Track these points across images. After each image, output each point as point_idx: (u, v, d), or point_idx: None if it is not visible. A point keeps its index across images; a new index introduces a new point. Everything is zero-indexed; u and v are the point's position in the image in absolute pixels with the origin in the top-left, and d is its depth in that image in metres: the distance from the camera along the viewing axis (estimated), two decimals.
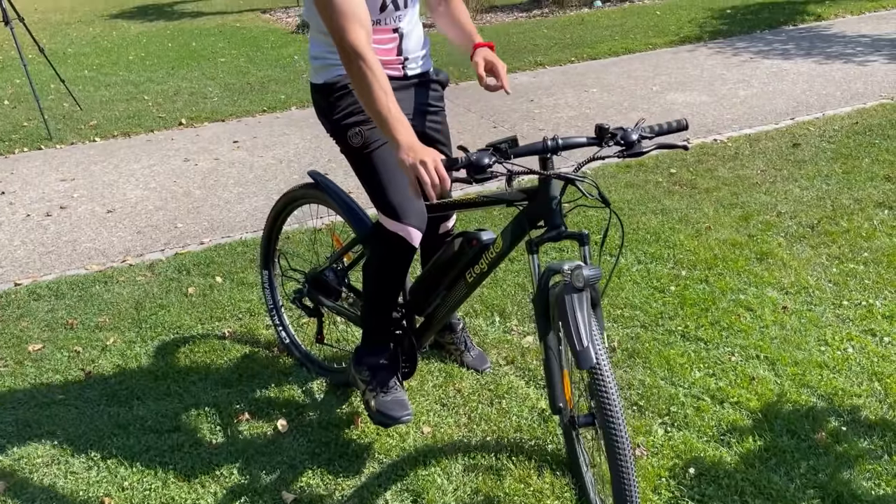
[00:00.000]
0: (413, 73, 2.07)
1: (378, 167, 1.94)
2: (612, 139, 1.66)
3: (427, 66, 2.14)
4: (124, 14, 12.20)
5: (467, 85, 6.17)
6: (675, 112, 4.99)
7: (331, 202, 2.29)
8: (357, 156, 1.97)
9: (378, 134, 1.93)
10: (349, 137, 1.96)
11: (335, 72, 1.98)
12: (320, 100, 2.02)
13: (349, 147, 1.98)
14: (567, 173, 1.68)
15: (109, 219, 3.95)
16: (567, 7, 9.21)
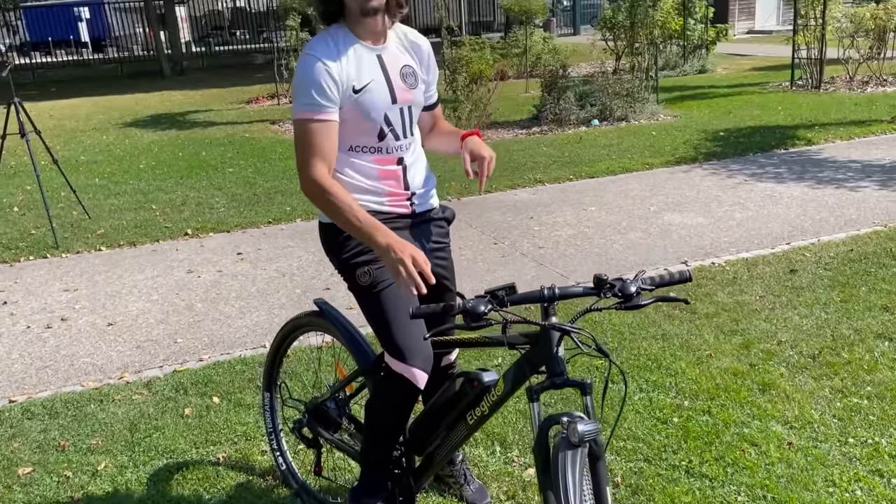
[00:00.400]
0: (421, 210, 2.12)
1: (385, 307, 1.96)
2: (611, 290, 1.68)
3: (434, 202, 2.20)
4: (138, 122, 12.63)
5: (469, 200, 6.31)
6: (672, 233, 5.08)
7: (335, 332, 2.30)
8: (365, 295, 2.00)
9: (386, 274, 1.97)
10: (357, 276, 1.99)
11: None
12: (329, 238, 2.06)
13: (357, 286, 2.01)
14: (564, 325, 1.69)
15: (109, 332, 3.95)
16: (565, 125, 9.54)
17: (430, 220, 2.17)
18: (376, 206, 2.04)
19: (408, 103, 2.02)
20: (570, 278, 4.36)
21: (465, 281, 4.39)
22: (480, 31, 27.56)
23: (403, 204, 2.08)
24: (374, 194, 2.04)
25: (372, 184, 2.03)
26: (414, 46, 2.08)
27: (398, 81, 1.98)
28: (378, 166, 2.02)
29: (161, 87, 18.80)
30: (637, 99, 9.83)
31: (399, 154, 2.04)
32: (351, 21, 1.95)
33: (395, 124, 1.99)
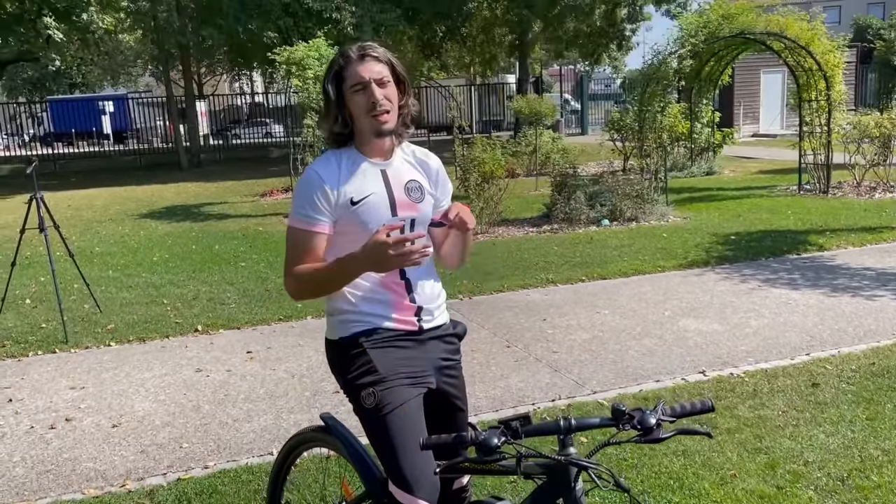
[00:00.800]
0: (429, 326, 2.08)
1: (391, 432, 1.90)
2: (629, 422, 1.61)
3: (443, 318, 2.16)
4: (154, 214, 12.84)
5: (480, 299, 6.28)
6: (688, 340, 5.01)
7: (342, 449, 2.22)
8: (369, 418, 1.94)
9: (393, 396, 1.92)
10: (362, 398, 1.95)
11: (353, 328, 2.01)
12: (335, 356, 2.04)
13: (361, 408, 1.96)
14: (581, 460, 1.63)
15: (114, 434, 3.85)
16: (576, 224, 9.63)
17: (439, 337, 2.12)
18: (381, 321, 2.01)
19: (411, 217, 2.03)
20: (585, 386, 4.27)
21: (477, 386, 4.30)
22: (490, 130, 28.33)
23: (410, 320, 2.04)
24: (378, 303, 2.01)
25: (376, 293, 2.01)
26: (422, 163, 2.13)
27: (401, 195, 2.02)
28: (381, 277, 2.01)
29: (178, 178, 19.24)
30: (647, 200, 9.95)
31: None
32: (359, 141, 2.04)
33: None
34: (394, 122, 2.00)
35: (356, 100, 1.99)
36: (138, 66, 39.77)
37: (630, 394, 4.11)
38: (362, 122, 2.00)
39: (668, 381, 4.30)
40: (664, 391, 4.11)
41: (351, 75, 1.98)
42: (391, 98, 1.99)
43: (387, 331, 2.01)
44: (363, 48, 2.00)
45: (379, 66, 1.98)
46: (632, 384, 4.27)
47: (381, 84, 1.97)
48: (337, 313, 2.04)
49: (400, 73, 2.03)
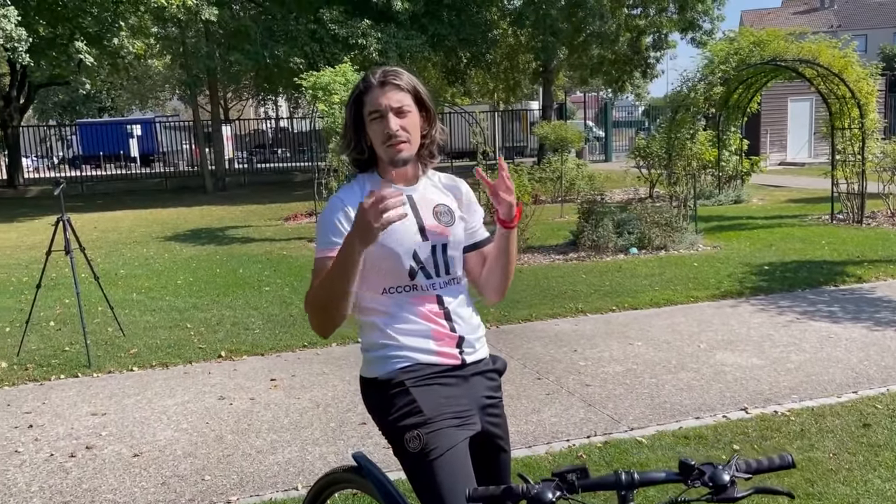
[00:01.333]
0: (472, 360, 1.96)
1: (439, 478, 1.77)
2: (699, 478, 1.46)
3: (484, 351, 2.04)
4: (178, 236, 12.87)
5: (508, 329, 6.13)
6: (726, 374, 4.82)
7: (375, 493, 2.09)
8: (414, 462, 1.81)
9: (439, 439, 1.79)
10: (406, 441, 1.82)
11: (393, 364, 1.89)
12: (373, 395, 1.92)
13: (404, 452, 1.83)
14: None
15: (135, 464, 3.74)
16: (603, 252, 9.46)
17: (481, 373, 1.99)
18: (423, 355, 1.90)
19: (442, 241, 1.94)
20: (621, 422, 4.10)
21: (508, 421, 4.13)
22: (513, 156, 28.31)
23: (452, 353, 1.93)
24: (420, 336, 1.90)
25: (415, 323, 1.91)
26: (451, 188, 2.06)
27: (430, 219, 1.95)
28: (417, 305, 1.92)
29: (203, 201, 19.36)
30: (676, 228, 9.77)
31: (436, 292, 1.93)
32: (382, 168, 1.98)
33: (425, 262, 1.92)
34: (412, 151, 1.93)
35: (373, 127, 1.91)
36: (166, 90, 40.40)
37: (669, 431, 3.93)
38: (379, 150, 1.93)
39: (708, 418, 4.12)
40: (705, 429, 3.92)
41: (370, 102, 1.91)
42: (410, 128, 1.91)
43: (429, 366, 1.89)
44: (385, 74, 1.92)
45: (399, 94, 1.90)
46: (670, 421, 4.09)
47: (399, 113, 1.89)
48: (373, 348, 1.93)
49: (425, 100, 1.95)
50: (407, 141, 1.90)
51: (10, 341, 6.02)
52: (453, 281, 1.98)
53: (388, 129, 1.87)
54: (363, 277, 1.88)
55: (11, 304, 7.62)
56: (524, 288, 7.56)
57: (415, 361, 1.88)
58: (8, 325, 6.68)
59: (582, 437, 3.91)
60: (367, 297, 1.93)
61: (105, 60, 15.88)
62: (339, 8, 18.93)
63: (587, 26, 21.45)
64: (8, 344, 5.99)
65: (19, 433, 4.19)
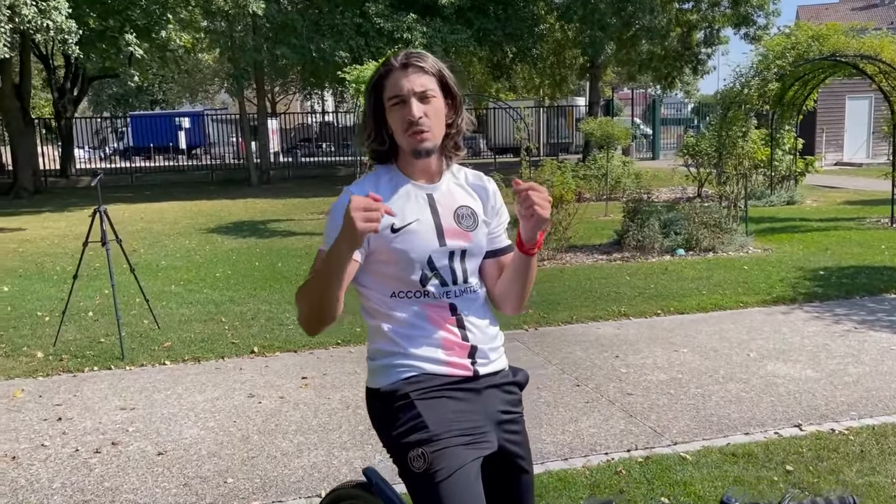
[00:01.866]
0: (486, 372, 1.80)
1: (444, 502, 1.60)
2: None
3: (501, 363, 1.87)
4: (221, 229, 12.95)
5: (547, 331, 5.93)
6: (778, 387, 4.54)
7: None
8: (417, 483, 1.65)
9: (446, 459, 1.63)
10: (410, 460, 1.66)
11: (398, 374, 1.74)
12: (376, 408, 1.77)
13: (409, 471, 1.67)
14: None
15: (158, 463, 3.66)
16: (649, 253, 9.16)
17: (497, 385, 1.82)
18: (431, 364, 1.74)
19: (461, 247, 1.78)
20: (664, 435, 3.87)
21: (543, 430, 3.96)
22: (558, 152, 27.93)
23: (463, 363, 1.77)
24: (428, 344, 1.74)
25: (424, 329, 1.75)
26: (477, 188, 1.88)
27: (450, 222, 1.78)
28: (427, 311, 1.76)
29: (247, 194, 19.52)
30: (725, 229, 9.41)
31: (449, 300, 1.77)
32: (402, 160, 1.81)
33: (440, 269, 1.76)
34: (435, 141, 1.75)
35: (394, 114, 1.74)
36: (215, 83, 40.99)
37: (716, 447, 3.69)
38: (400, 139, 1.75)
39: (758, 434, 3.86)
40: (755, 446, 3.67)
41: (390, 86, 1.74)
42: (434, 115, 1.73)
43: (437, 377, 1.74)
44: (409, 56, 1.75)
45: (423, 77, 1.73)
46: (717, 436, 3.85)
47: (423, 98, 1.72)
48: (378, 356, 1.78)
49: (451, 86, 1.77)
50: (429, 130, 1.73)
51: (49, 331, 6.05)
52: (470, 290, 1.81)
53: (410, 116, 1.70)
54: (372, 277, 1.74)
55: (54, 292, 7.69)
56: (565, 289, 7.33)
57: (421, 371, 1.73)
58: (48, 314, 6.73)
59: (622, 451, 3.70)
60: (375, 298, 1.78)
61: (154, 53, 16.08)
62: (384, 2, 18.87)
63: (637, 21, 20.97)
64: (46, 333, 6.02)
65: (48, 426, 4.15)
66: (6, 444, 3.92)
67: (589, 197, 15.06)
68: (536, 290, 7.20)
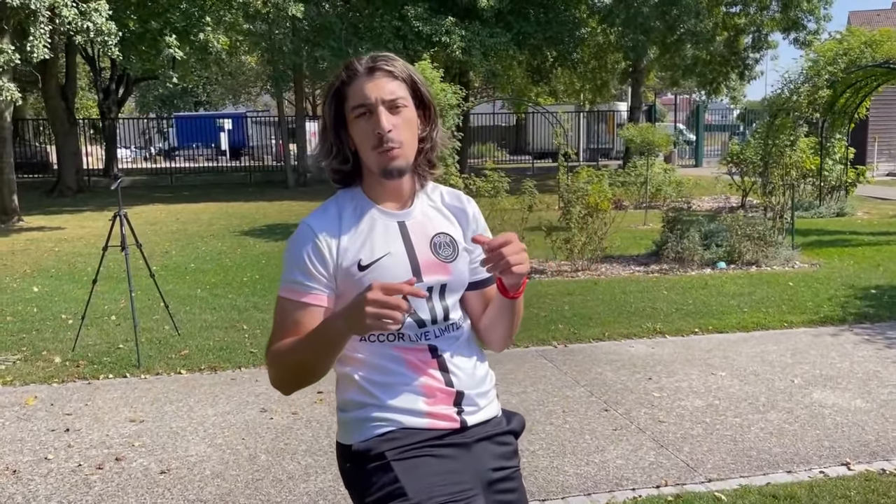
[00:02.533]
0: (475, 422, 1.56)
1: None
2: None
3: (493, 409, 1.62)
4: (254, 231, 12.92)
5: (577, 349, 5.66)
6: (824, 418, 4.21)
7: None
8: None
9: None
10: None
11: (373, 430, 1.51)
12: (350, 470, 1.53)
13: None
14: None
15: (160, 483, 3.51)
16: (688, 265, 8.80)
17: (489, 437, 1.58)
18: (411, 417, 1.50)
19: (440, 281, 1.55)
20: (697, 471, 3.58)
21: (567, 459, 3.70)
22: (597, 158, 27.46)
23: (448, 413, 1.53)
24: (406, 393, 1.51)
25: (401, 376, 1.51)
26: (455, 210, 1.63)
27: (427, 253, 1.54)
28: (403, 355, 1.52)
29: (283, 196, 19.55)
30: (769, 242, 9.00)
31: (428, 342, 1.54)
32: (367, 182, 1.57)
33: (417, 308, 1.52)
34: (408, 159, 1.51)
35: (358, 127, 1.50)
36: (258, 85, 41.42)
37: (755, 487, 3.39)
38: (367, 157, 1.51)
39: (802, 472, 3.55)
40: (798, 487, 3.37)
41: (354, 93, 1.50)
42: (406, 127, 1.49)
43: (418, 432, 1.50)
44: (375, 59, 1.51)
45: (393, 83, 1.49)
46: (756, 473, 3.55)
47: (392, 108, 1.48)
48: (349, 407, 1.54)
49: (424, 93, 1.53)
50: (401, 146, 1.49)
51: (70, 335, 5.98)
52: (452, 327, 1.57)
53: (379, 129, 1.47)
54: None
55: (81, 294, 7.65)
56: (598, 302, 7.04)
57: (399, 426, 1.50)
58: (72, 317, 6.68)
59: (650, 487, 3.42)
60: None
61: (193, 56, 16.19)
62: (423, 5, 18.72)
63: (681, 24, 20.46)
64: (67, 337, 5.96)
65: (54, 437, 4.04)
66: (10, 456, 3.81)
67: (628, 205, 14.68)
68: (568, 303, 6.92)
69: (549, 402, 4.49)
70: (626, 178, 15.04)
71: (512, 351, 5.52)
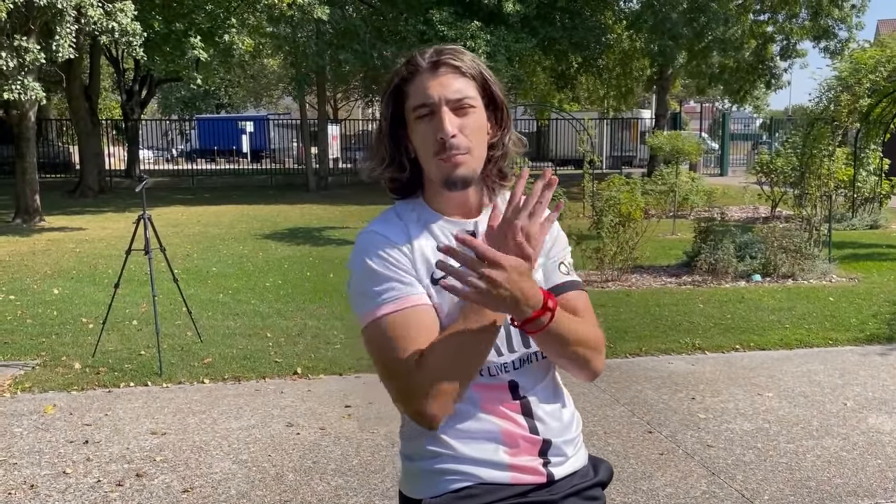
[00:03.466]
0: (562, 474, 1.36)
1: None
2: None
3: (581, 458, 1.42)
4: (275, 235, 12.79)
5: (615, 364, 5.42)
6: (884, 446, 3.95)
7: None
8: None
9: None
10: None
11: (447, 485, 1.30)
12: None
13: None
14: None
15: (183, 502, 3.32)
16: (721, 277, 8.53)
17: (577, 492, 1.38)
18: (491, 470, 1.30)
19: None
20: (754, 502, 3.34)
21: (613, 487, 3.46)
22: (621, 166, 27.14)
23: (533, 465, 1.33)
24: (483, 440, 1.30)
25: (478, 420, 1.30)
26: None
27: None
28: (481, 394, 1.31)
29: (305, 199, 19.44)
30: (806, 255, 8.71)
31: (508, 376, 1.33)
32: (430, 192, 1.36)
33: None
34: (475, 166, 1.30)
35: (419, 130, 1.29)
36: (279, 88, 41.51)
37: None
38: (428, 164, 1.30)
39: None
40: None
41: (415, 92, 1.30)
42: (474, 132, 1.29)
43: (500, 488, 1.30)
44: (440, 52, 1.30)
45: (460, 81, 1.29)
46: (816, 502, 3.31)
47: (458, 109, 1.28)
48: (418, 456, 1.34)
49: (496, 92, 1.32)
50: (468, 152, 1.29)
51: (91, 339, 5.84)
52: (533, 357, 1.36)
53: (442, 133, 1.27)
54: None
55: (102, 297, 7.53)
56: (633, 315, 6.80)
57: (478, 480, 1.29)
58: (92, 321, 6.55)
59: None
60: None
61: (216, 58, 16.13)
62: (448, 9, 18.56)
63: (709, 32, 20.15)
64: (87, 342, 5.82)
65: (73, 450, 3.88)
66: (27, 469, 3.65)
67: (654, 214, 14.40)
68: (601, 315, 6.65)
69: (589, 423, 4.26)
70: (654, 186, 14.78)
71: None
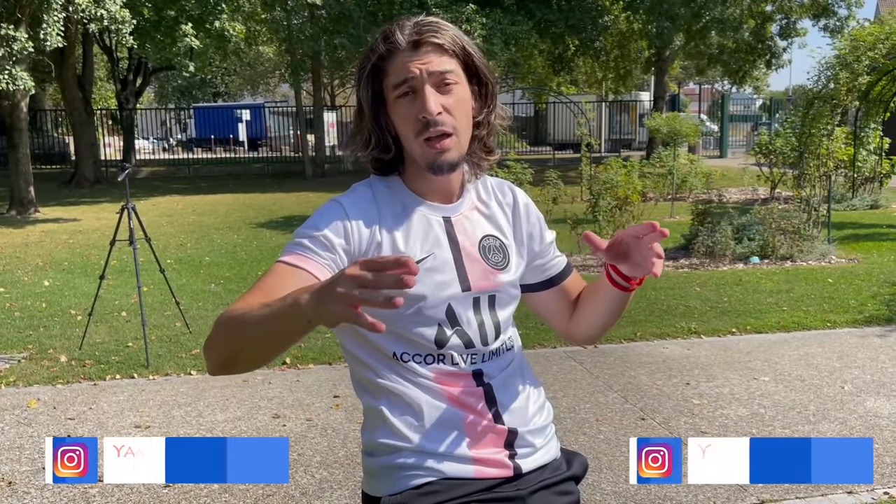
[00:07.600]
0: (531, 467, 1.27)
1: None
2: None
3: (551, 450, 1.33)
4: (271, 223, 12.69)
5: (608, 349, 5.35)
6: (882, 430, 3.87)
7: None
8: None
9: None
10: None
11: (407, 481, 1.22)
12: None
13: None
14: None
15: (164, 498, 3.25)
16: (719, 260, 8.44)
17: (548, 486, 1.29)
18: (454, 463, 1.22)
19: (489, 291, 1.27)
20: (748, 490, 3.26)
21: (603, 475, 3.40)
22: (619, 149, 26.99)
23: (498, 458, 1.25)
24: (447, 434, 1.22)
25: (440, 411, 1.22)
26: (505, 206, 1.35)
27: (475, 258, 1.27)
28: (442, 386, 1.23)
29: (301, 187, 19.33)
30: (804, 236, 8.61)
31: (474, 366, 1.25)
32: (410, 172, 1.28)
33: (464, 323, 1.24)
34: (460, 149, 1.22)
35: (400, 109, 1.21)
36: (276, 76, 41.25)
37: None
38: (410, 145, 1.22)
39: (864, 494, 3.23)
40: None
41: (395, 69, 1.21)
42: (457, 110, 1.20)
43: (463, 483, 1.21)
44: (420, 29, 1.20)
45: (442, 57, 1.20)
46: (814, 493, 3.23)
47: (442, 86, 1.20)
48: (377, 451, 1.26)
49: (480, 68, 1.23)
50: (454, 132, 1.20)
51: (78, 331, 5.77)
52: (503, 349, 1.29)
53: (426, 111, 1.18)
54: (365, 338, 1.23)
55: (92, 289, 7.40)
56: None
57: (440, 475, 1.21)
58: (81, 313, 6.46)
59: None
60: (370, 363, 1.26)
61: (210, 45, 15.97)
62: None
63: (707, 12, 19.94)
64: (75, 334, 5.74)
65: None
66: (6, 466, 3.58)
67: (653, 197, 14.30)
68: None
69: (581, 410, 4.19)
70: (653, 169, 14.67)
71: (538, 351, 5.23)
